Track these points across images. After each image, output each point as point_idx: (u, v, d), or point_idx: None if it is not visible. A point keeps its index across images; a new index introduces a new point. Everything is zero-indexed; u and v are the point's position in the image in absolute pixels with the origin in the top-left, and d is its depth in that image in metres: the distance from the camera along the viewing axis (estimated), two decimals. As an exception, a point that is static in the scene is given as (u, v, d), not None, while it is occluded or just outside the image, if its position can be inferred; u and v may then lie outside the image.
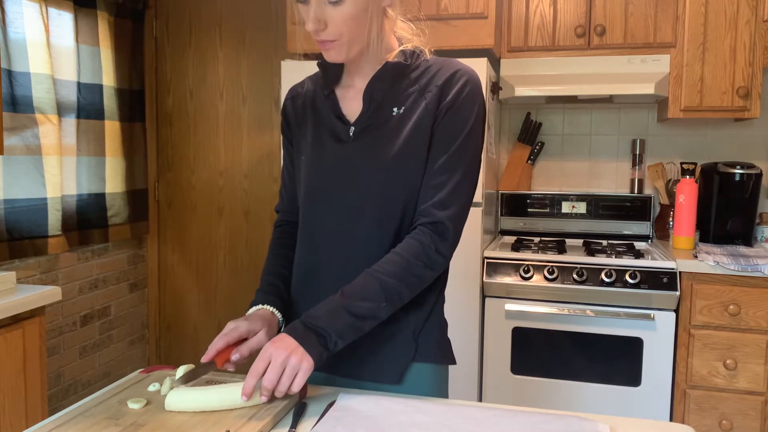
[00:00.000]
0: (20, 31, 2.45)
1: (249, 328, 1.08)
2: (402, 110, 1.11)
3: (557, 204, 2.84)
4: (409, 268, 1.06)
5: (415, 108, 1.11)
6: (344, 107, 1.16)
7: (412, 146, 1.10)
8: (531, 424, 0.94)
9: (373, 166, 1.10)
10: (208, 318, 3.42)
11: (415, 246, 1.07)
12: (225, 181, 3.33)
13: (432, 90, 1.11)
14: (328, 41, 1.06)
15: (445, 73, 1.12)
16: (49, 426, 0.90)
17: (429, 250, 1.07)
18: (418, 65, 1.15)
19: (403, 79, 1.13)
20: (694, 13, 2.45)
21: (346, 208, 1.12)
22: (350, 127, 1.13)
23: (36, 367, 1.96)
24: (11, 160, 2.46)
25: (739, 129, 2.78)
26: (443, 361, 1.18)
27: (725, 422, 2.26)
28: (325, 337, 1.00)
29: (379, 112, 1.12)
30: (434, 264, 1.09)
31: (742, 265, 2.19)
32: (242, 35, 3.24)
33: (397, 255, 1.07)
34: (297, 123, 1.23)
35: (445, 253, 1.10)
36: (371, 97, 1.13)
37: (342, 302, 1.03)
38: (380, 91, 1.12)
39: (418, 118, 1.10)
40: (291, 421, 0.96)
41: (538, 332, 2.35)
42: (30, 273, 2.62)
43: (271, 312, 1.15)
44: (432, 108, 1.10)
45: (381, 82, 1.12)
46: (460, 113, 1.11)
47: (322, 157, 1.15)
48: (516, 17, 2.61)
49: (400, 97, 1.12)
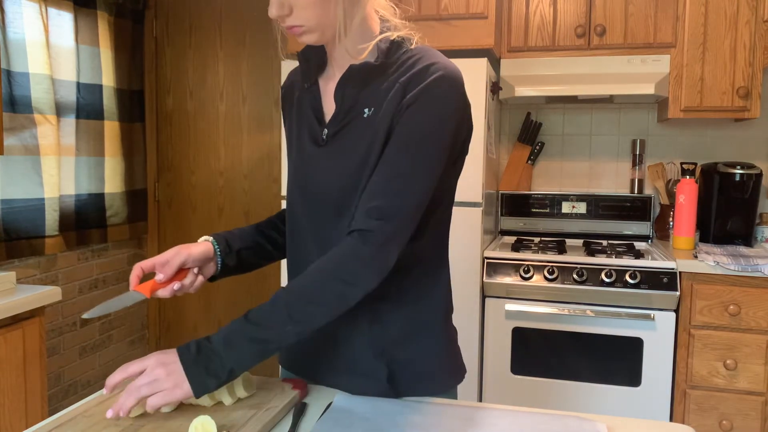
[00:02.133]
0: (20, 31, 2.44)
1: (188, 258, 1.07)
2: (372, 111, 1.01)
3: (557, 204, 2.84)
4: (324, 286, 0.94)
5: (386, 108, 1.00)
6: (325, 102, 1.09)
7: (370, 150, 1.00)
8: (531, 424, 0.94)
9: (338, 173, 1.03)
10: (208, 318, 3.41)
11: (336, 259, 0.95)
12: (225, 181, 3.32)
13: (395, 87, 1.00)
14: (296, 26, 0.99)
15: (416, 66, 1.00)
16: (49, 426, 0.90)
17: (352, 264, 0.94)
18: (394, 60, 1.03)
19: (377, 77, 1.03)
20: (694, 13, 2.45)
21: (318, 212, 1.07)
22: (324, 129, 1.06)
23: (36, 367, 1.96)
24: (9, 160, 2.46)
25: (739, 129, 2.78)
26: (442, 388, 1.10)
27: (725, 422, 2.25)
28: (216, 367, 0.90)
29: (351, 113, 1.04)
30: (357, 280, 0.94)
31: (742, 265, 2.19)
32: (242, 35, 3.24)
33: (316, 270, 0.95)
34: (288, 116, 1.18)
35: (373, 269, 0.95)
36: (342, 98, 1.04)
37: (244, 328, 0.92)
38: (350, 92, 1.04)
39: (380, 118, 1.00)
40: (291, 421, 0.96)
41: (538, 332, 2.35)
42: (30, 273, 2.62)
43: (210, 242, 1.12)
44: (392, 106, 0.99)
45: (350, 83, 1.03)
46: (423, 111, 0.97)
47: (301, 158, 1.09)
48: (516, 17, 2.61)
49: (372, 96, 1.02)
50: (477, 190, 2.31)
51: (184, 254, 1.07)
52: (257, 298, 3.32)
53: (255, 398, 1.01)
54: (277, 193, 3.24)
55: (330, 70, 1.10)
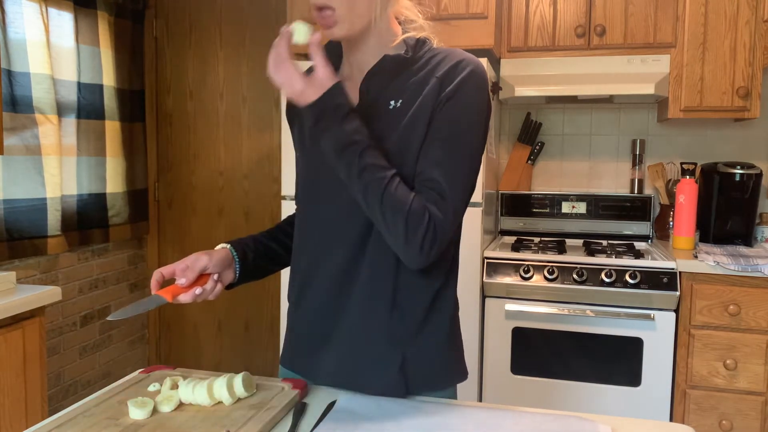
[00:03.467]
0: (20, 31, 2.45)
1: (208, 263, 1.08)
2: (399, 103, 1.04)
3: (557, 204, 2.84)
4: (400, 207, 0.97)
5: (413, 101, 1.04)
6: None
7: (407, 140, 1.03)
8: (531, 424, 0.94)
9: None
10: (208, 318, 3.42)
11: (418, 212, 0.97)
12: (225, 181, 3.33)
13: (431, 81, 1.04)
14: (329, 11, 1.00)
15: (448, 62, 1.04)
16: (49, 426, 0.90)
17: (419, 231, 0.97)
18: (421, 56, 1.08)
19: (403, 71, 1.07)
20: (694, 13, 2.45)
21: (338, 207, 1.07)
22: None
23: (36, 367, 1.96)
24: (11, 160, 2.46)
25: (739, 129, 2.78)
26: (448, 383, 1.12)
27: (725, 422, 2.26)
28: (325, 109, 0.97)
29: (375, 106, 1.06)
30: (411, 240, 0.97)
31: (742, 265, 2.19)
32: (242, 35, 3.24)
33: (408, 192, 0.98)
34: (296, 114, 1.18)
35: (426, 250, 0.98)
36: (367, 91, 1.06)
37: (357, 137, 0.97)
38: (377, 85, 1.06)
39: (415, 111, 1.03)
40: (291, 421, 0.96)
41: (538, 332, 2.35)
42: (30, 273, 2.62)
43: (228, 249, 1.14)
44: (430, 99, 1.02)
45: (378, 76, 1.06)
46: (461, 104, 1.02)
47: (316, 153, 1.10)
48: (516, 17, 2.61)
49: (398, 90, 1.06)
50: (477, 189, 2.31)
51: (204, 259, 1.07)
52: (257, 298, 3.32)
53: (255, 398, 1.01)
54: (277, 192, 3.24)
55: (346, 69, 1.13)
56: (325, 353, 1.11)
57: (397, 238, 0.98)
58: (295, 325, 1.17)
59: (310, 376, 1.14)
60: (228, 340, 3.40)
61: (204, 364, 3.41)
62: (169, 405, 0.96)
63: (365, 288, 1.07)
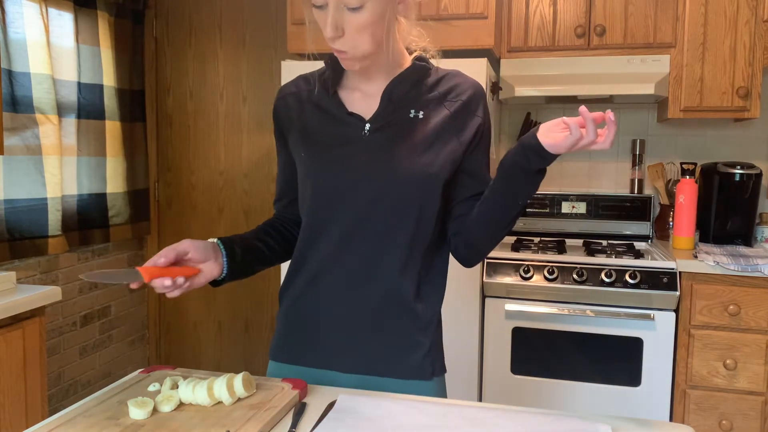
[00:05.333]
0: (20, 31, 2.45)
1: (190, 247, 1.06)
2: (421, 114, 1.13)
3: (557, 204, 2.84)
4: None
5: (435, 115, 1.13)
6: (354, 107, 1.16)
7: (432, 152, 1.11)
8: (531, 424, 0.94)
9: (388, 162, 1.10)
10: (208, 318, 3.42)
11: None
12: (225, 181, 3.33)
13: (456, 102, 1.15)
14: (343, 52, 1.06)
15: (465, 87, 1.16)
16: (49, 426, 0.90)
17: None
18: (435, 71, 1.18)
19: (421, 83, 1.16)
20: (694, 13, 2.45)
21: (357, 207, 1.11)
22: (365, 124, 1.13)
23: (36, 367, 1.97)
24: (11, 160, 2.46)
25: (739, 129, 2.78)
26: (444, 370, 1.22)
27: (725, 422, 2.26)
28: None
29: (397, 112, 1.13)
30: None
31: (742, 265, 2.19)
32: (242, 35, 3.24)
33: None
34: (291, 120, 1.20)
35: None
36: (390, 97, 1.13)
37: None
38: (400, 92, 1.14)
39: (440, 126, 1.13)
40: (291, 421, 0.96)
41: (538, 332, 2.35)
42: (30, 273, 2.62)
43: (215, 242, 1.13)
44: (456, 118, 1.14)
45: (402, 84, 1.14)
46: (489, 134, 1.19)
47: (330, 155, 1.13)
48: (516, 17, 2.61)
49: (418, 100, 1.14)
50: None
51: (186, 243, 1.07)
52: (257, 299, 3.32)
53: (255, 398, 1.01)
54: (278, 193, 3.24)
55: (352, 82, 1.18)
56: (347, 343, 1.15)
57: (489, 250, 1.17)
58: (305, 320, 1.18)
59: (332, 366, 1.16)
60: (228, 340, 3.40)
61: (204, 364, 3.42)
62: (169, 405, 0.96)
63: (392, 282, 1.13)
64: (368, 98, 1.16)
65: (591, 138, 0.96)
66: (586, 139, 0.96)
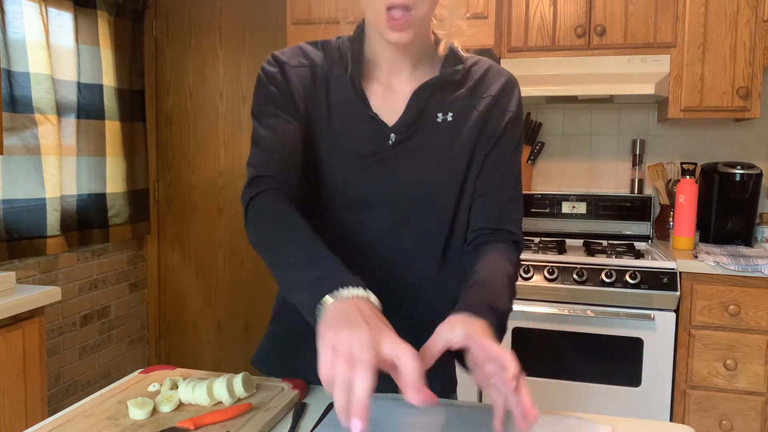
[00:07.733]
0: (20, 31, 2.45)
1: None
2: (450, 117, 1.04)
3: (557, 204, 2.84)
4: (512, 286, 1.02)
5: (465, 115, 1.04)
6: (373, 105, 1.04)
7: (464, 153, 1.04)
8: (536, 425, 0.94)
9: (419, 173, 1.03)
10: (208, 318, 3.41)
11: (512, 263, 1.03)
12: (225, 181, 3.33)
13: (485, 98, 1.05)
14: (406, 9, 0.93)
15: (495, 79, 1.07)
16: (49, 426, 0.90)
17: (517, 268, 1.05)
18: (465, 66, 1.07)
19: (450, 84, 1.05)
20: (694, 13, 2.45)
21: (388, 218, 1.05)
22: (390, 133, 1.03)
23: (36, 368, 1.96)
24: (10, 160, 2.46)
25: (739, 129, 2.78)
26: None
27: (725, 422, 2.25)
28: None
29: (422, 117, 1.04)
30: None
31: (743, 266, 2.19)
32: (242, 35, 3.24)
33: (504, 276, 0.99)
34: (315, 97, 1.05)
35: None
36: (416, 103, 1.03)
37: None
38: (425, 95, 1.04)
39: (471, 126, 1.04)
40: (291, 421, 0.96)
41: (539, 332, 2.35)
42: (30, 273, 2.62)
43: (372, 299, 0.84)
44: (486, 117, 1.05)
45: (430, 90, 1.04)
46: (518, 126, 1.08)
47: (355, 161, 1.04)
48: (516, 17, 2.61)
49: (445, 101, 1.04)
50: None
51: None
52: (257, 299, 3.32)
53: (255, 398, 1.01)
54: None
55: (374, 71, 1.06)
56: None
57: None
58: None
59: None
60: (228, 340, 3.40)
61: (204, 364, 3.41)
62: (169, 405, 0.96)
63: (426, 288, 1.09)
64: (391, 94, 1.05)
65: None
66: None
